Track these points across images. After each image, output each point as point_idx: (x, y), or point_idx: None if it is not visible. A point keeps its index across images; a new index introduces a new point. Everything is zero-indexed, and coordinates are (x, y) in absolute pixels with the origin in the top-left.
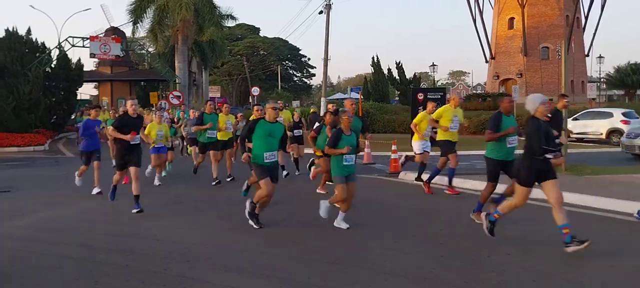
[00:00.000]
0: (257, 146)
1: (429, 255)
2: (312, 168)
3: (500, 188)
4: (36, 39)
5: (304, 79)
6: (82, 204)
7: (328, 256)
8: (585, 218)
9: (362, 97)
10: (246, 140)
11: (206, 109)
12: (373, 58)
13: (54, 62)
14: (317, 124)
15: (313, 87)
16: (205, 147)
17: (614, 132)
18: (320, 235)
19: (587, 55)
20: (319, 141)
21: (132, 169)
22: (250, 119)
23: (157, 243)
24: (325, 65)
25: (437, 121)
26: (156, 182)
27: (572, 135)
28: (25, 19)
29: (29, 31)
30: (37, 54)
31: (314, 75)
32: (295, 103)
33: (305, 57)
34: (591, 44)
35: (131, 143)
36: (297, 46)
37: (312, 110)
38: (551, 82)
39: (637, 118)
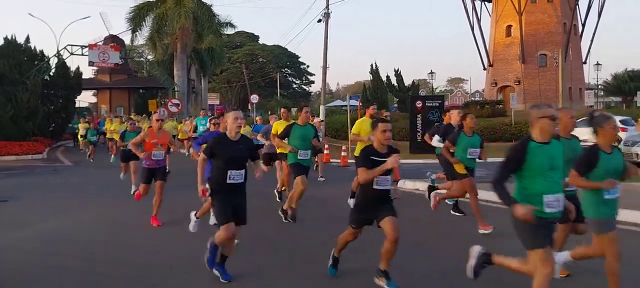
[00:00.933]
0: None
1: (422, 265)
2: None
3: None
4: (35, 47)
5: (303, 86)
6: (81, 214)
7: (323, 263)
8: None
9: (361, 104)
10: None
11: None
12: (372, 65)
13: (53, 70)
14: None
15: (312, 94)
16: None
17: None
18: (320, 246)
19: (585, 63)
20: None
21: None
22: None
23: (157, 254)
24: (324, 73)
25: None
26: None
27: None
28: (24, 26)
29: (27, 39)
30: (36, 62)
31: (313, 82)
32: (294, 110)
33: (304, 64)
34: (588, 52)
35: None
36: (296, 53)
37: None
38: (549, 89)
39: (634, 125)
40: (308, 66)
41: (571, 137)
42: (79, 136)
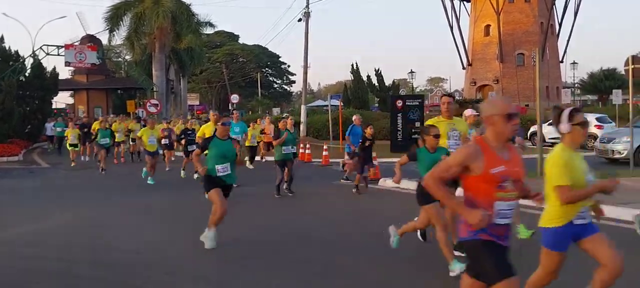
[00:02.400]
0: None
1: (413, 264)
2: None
3: None
4: (9, 47)
5: (284, 85)
6: (59, 216)
7: (311, 267)
8: None
9: (342, 104)
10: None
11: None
12: (352, 65)
13: (28, 71)
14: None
15: (293, 94)
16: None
17: (587, 137)
18: (302, 245)
19: (562, 62)
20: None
21: None
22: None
23: (137, 255)
24: (305, 73)
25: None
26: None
27: (547, 140)
28: None
29: (2, 39)
30: (11, 63)
31: (294, 82)
32: (276, 110)
33: (285, 64)
34: (565, 51)
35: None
36: (277, 53)
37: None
38: (527, 88)
39: (611, 123)
40: (289, 66)
41: None
42: (67, 144)
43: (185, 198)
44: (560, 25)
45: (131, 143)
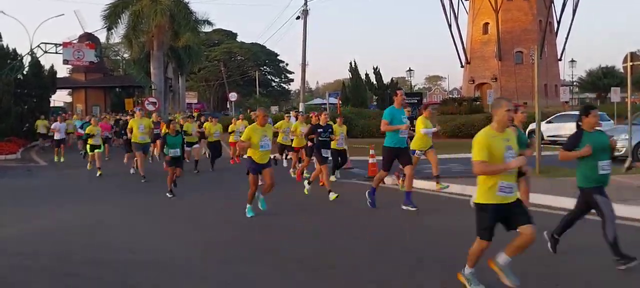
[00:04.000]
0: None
1: (409, 262)
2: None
3: None
4: (7, 46)
5: (282, 84)
6: (56, 215)
7: (307, 265)
8: (559, 219)
9: (340, 102)
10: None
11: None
12: (351, 63)
13: (26, 69)
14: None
15: (292, 92)
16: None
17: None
18: (298, 244)
19: (560, 60)
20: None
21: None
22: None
23: (133, 255)
24: (303, 71)
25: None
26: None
27: (545, 138)
28: None
29: None
30: (8, 61)
31: (292, 80)
32: (274, 108)
33: (283, 62)
34: (564, 48)
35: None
36: (275, 51)
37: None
38: (525, 86)
39: (609, 121)
40: (287, 64)
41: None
42: (87, 146)
43: (183, 197)
44: (558, 23)
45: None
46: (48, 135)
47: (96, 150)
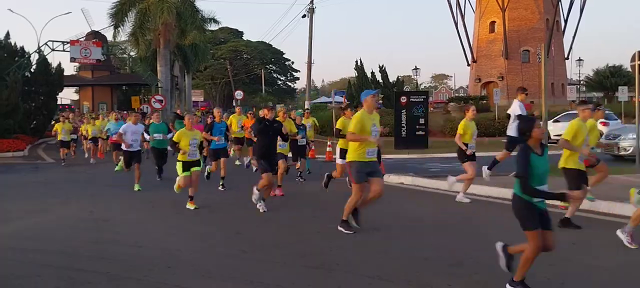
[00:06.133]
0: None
1: (414, 258)
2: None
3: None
4: (15, 43)
5: (287, 82)
6: (62, 211)
7: (312, 260)
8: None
9: (346, 100)
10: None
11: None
12: (356, 62)
13: (34, 67)
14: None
15: (297, 90)
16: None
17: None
18: (303, 239)
19: (567, 58)
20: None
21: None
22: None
23: (138, 249)
24: (309, 69)
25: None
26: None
27: (552, 137)
28: (3, 22)
29: (7, 35)
30: (16, 58)
31: (298, 78)
32: (279, 106)
33: (289, 60)
34: (571, 47)
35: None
36: (281, 50)
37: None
38: (532, 85)
39: (616, 119)
40: (293, 62)
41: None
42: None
43: (187, 192)
44: (566, 21)
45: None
46: (69, 141)
47: (193, 169)
